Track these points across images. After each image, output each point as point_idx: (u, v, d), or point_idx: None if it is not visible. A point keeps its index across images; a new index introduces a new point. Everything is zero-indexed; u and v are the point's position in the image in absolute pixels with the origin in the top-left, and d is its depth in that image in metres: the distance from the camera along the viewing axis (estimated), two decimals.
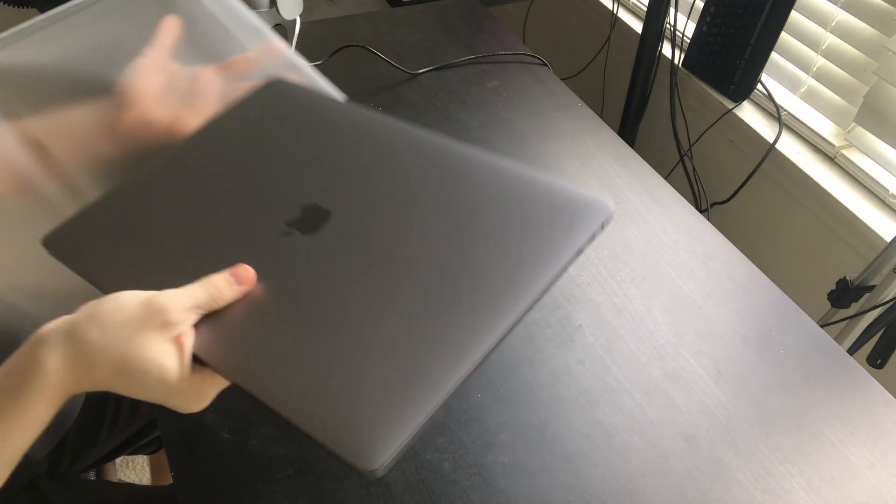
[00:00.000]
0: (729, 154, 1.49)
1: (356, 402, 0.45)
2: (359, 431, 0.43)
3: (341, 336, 0.48)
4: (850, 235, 1.25)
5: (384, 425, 0.43)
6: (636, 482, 0.63)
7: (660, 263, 0.83)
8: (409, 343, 0.47)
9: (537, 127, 1.02)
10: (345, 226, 0.54)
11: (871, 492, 0.64)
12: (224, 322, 0.49)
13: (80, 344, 0.45)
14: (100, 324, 0.45)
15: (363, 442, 0.43)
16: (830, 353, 0.76)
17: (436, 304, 0.48)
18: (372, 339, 0.47)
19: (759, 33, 1.37)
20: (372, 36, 1.16)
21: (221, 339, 0.48)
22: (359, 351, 0.47)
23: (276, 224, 0.55)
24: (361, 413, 0.44)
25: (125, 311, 0.46)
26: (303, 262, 0.52)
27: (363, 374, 0.46)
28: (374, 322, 0.48)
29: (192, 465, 0.62)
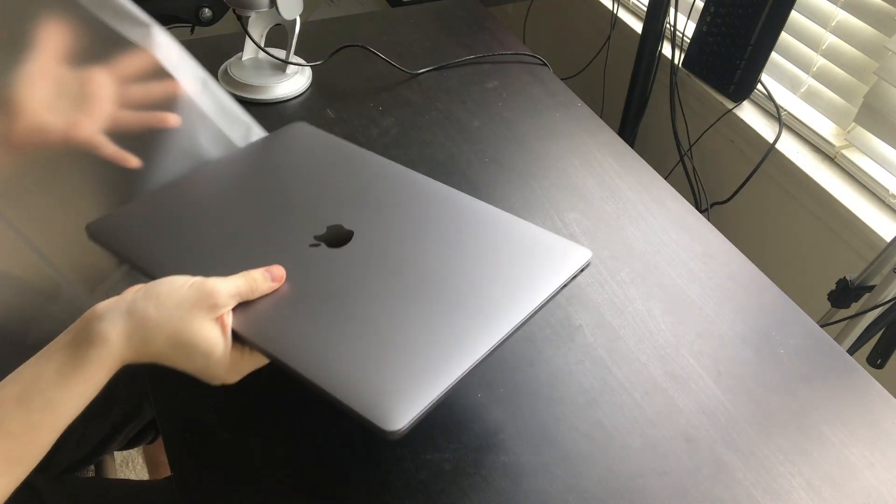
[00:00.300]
0: (729, 154, 1.49)
1: (381, 375, 0.54)
2: (384, 398, 0.52)
3: (364, 325, 0.57)
4: (850, 235, 1.25)
5: (405, 396, 0.52)
6: (636, 482, 0.63)
7: (660, 263, 0.83)
8: (422, 336, 0.56)
9: (537, 127, 1.02)
10: (365, 245, 0.64)
11: (871, 492, 0.64)
12: (259, 309, 0.58)
13: (140, 320, 0.52)
14: (157, 303, 0.53)
15: (387, 408, 0.51)
16: (830, 353, 0.76)
17: (443, 311, 0.58)
18: (391, 329, 0.57)
19: (759, 33, 1.37)
20: (372, 36, 1.16)
21: (257, 321, 0.57)
22: (380, 337, 0.56)
23: (305, 237, 0.65)
24: (385, 384, 0.53)
25: (179, 293, 0.53)
26: (328, 269, 0.62)
27: (385, 354, 0.55)
28: (392, 317, 0.58)
29: (192, 465, 0.62)
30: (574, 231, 0.86)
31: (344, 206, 0.68)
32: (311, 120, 0.98)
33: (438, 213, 0.68)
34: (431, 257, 0.63)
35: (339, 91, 1.04)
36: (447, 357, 0.55)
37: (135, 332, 0.52)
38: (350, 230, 0.66)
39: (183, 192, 0.71)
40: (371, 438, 0.65)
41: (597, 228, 0.87)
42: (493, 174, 0.93)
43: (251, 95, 1.00)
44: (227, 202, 0.70)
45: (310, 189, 0.71)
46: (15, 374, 0.51)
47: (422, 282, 0.61)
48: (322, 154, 0.76)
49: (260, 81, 1.01)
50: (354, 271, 0.62)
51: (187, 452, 0.63)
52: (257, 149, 0.77)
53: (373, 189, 0.71)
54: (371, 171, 0.74)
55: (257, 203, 0.69)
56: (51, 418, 0.50)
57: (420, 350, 0.56)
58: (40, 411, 0.50)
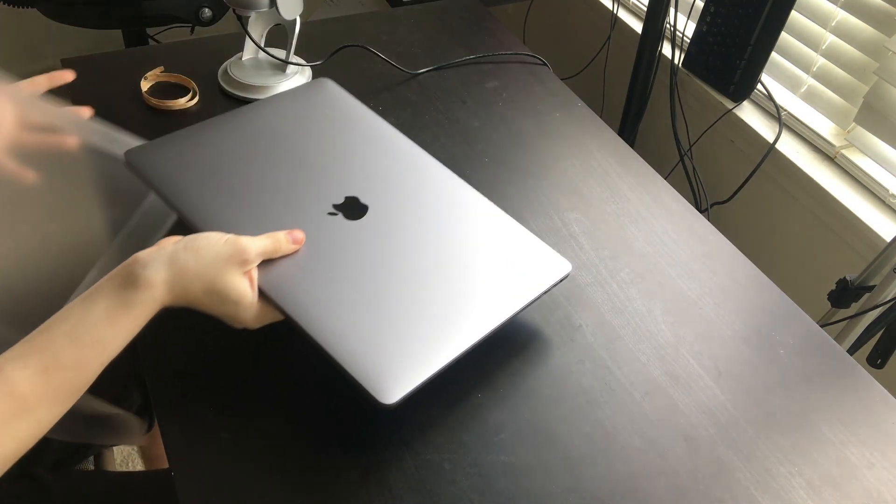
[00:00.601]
0: (729, 154, 1.49)
1: (382, 350, 0.60)
2: (383, 373, 0.59)
3: (371, 300, 0.63)
4: (850, 235, 1.25)
5: (401, 374, 0.59)
6: (636, 482, 0.63)
7: (660, 263, 0.83)
8: (420, 319, 0.63)
9: (537, 127, 1.02)
10: (378, 222, 0.70)
11: (871, 492, 0.64)
12: (280, 268, 0.65)
13: (180, 269, 0.59)
14: (196, 255, 0.60)
15: (385, 382, 0.58)
16: (830, 353, 0.76)
17: (440, 299, 0.65)
18: (394, 308, 0.63)
19: (759, 33, 1.37)
20: (372, 36, 1.16)
21: (278, 280, 0.64)
22: (383, 314, 0.63)
23: (324, 204, 0.71)
24: (385, 360, 0.59)
25: (216, 248, 0.61)
26: (343, 239, 0.68)
27: (387, 331, 0.61)
28: (396, 297, 0.64)
29: (192, 465, 0.62)
30: (574, 231, 0.86)
31: (362, 177, 0.74)
32: None
33: (447, 203, 0.74)
34: (434, 246, 0.69)
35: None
36: (440, 342, 0.62)
37: (176, 280, 0.59)
38: (365, 204, 0.71)
39: (215, 133, 0.77)
40: (371, 439, 0.65)
41: (597, 228, 0.87)
42: (493, 174, 0.93)
43: (251, 95, 1.00)
44: (254, 152, 0.75)
45: (332, 153, 0.76)
46: (62, 313, 0.57)
47: (423, 268, 0.67)
48: (345, 117, 0.82)
49: (260, 81, 1.01)
50: (366, 246, 0.68)
51: (187, 451, 0.63)
52: (285, 103, 0.82)
53: (388, 165, 0.76)
54: (387, 145, 0.79)
55: (282, 158, 0.75)
56: (99, 353, 0.56)
57: (417, 332, 0.62)
58: (90, 347, 0.56)
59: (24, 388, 0.53)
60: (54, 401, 0.55)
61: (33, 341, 0.55)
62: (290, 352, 0.71)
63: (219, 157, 0.74)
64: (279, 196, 0.71)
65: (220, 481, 0.61)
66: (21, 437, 0.54)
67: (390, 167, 0.76)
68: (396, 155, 0.78)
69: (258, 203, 0.70)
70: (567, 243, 0.85)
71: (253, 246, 0.62)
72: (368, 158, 0.77)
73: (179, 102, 0.98)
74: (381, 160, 0.77)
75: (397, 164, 0.77)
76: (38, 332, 0.56)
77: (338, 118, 0.81)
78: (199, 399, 0.66)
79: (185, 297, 0.60)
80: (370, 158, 0.77)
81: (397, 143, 0.80)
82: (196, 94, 1.00)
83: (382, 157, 0.77)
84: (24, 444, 0.55)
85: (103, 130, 0.76)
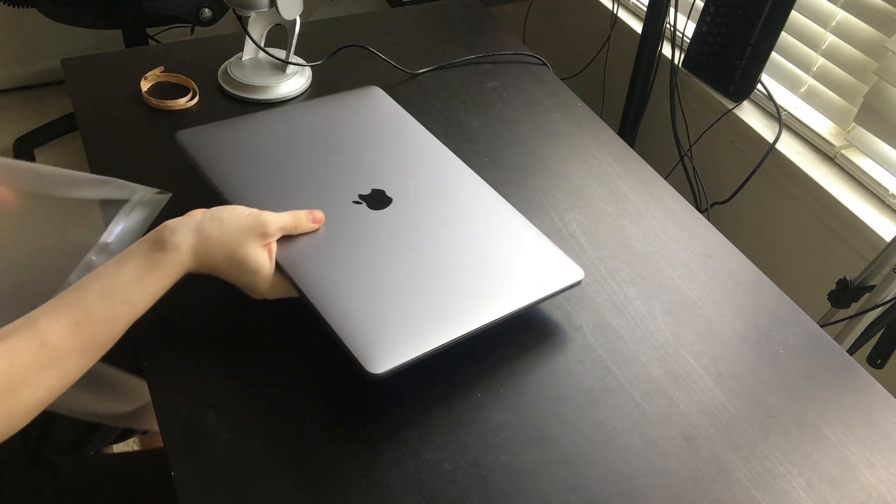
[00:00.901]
0: (729, 154, 1.49)
1: (378, 325, 0.63)
2: (374, 345, 0.62)
3: (378, 281, 0.67)
4: (850, 235, 1.25)
5: (391, 349, 0.62)
6: (636, 482, 0.63)
7: (660, 263, 0.83)
8: (420, 304, 0.66)
9: (537, 127, 1.02)
10: (400, 213, 0.74)
11: (871, 492, 0.64)
12: (298, 245, 0.69)
13: (205, 236, 0.64)
14: (220, 225, 0.64)
15: (374, 354, 0.61)
16: (830, 353, 0.76)
17: (443, 288, 0.68)
18: (398, 291, 0.66)
19: (759, 33, 1.37)
20: (372, 36, 1.16)
21: (294, 255, 0.68)
22: (387, 294, 0.66)
23: (350, 193, 0.75)
24: (380, 334, 0.63)
25: (239, 220, 0.65)
26: (362, 226, 0.72)
27: (387, 310, 0.65)
28: (402, 281, 0.67)
29: (192, 465, 0.62)
30: (574, 231, 0.86)
31: (392, 174, 0.78)
32: None
33: (469, 205, 0.77)
34: (449, 241, 0.72)
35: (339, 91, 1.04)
36: (435, 327, 0.64)
37: (200, 247, 0.63)
38: (390, 197, 0.75)
39: (261, 124, 0.83)
40: (371, 439, 0.65)
41: (597, 228, 0.87)
42: (493, 174, 0.93)
43: (251, 95, 1.00)
44: (295, 144, 0.80)
45: (367, 151, 0.81)
46: (95, 273, 0.61)
47: (435, 259, 0.70)
48: (387, 122, 0.86)
49: (260, 81, 1.01)
50: (384, 234, 0.71)
51: (187, 452, 0.63)
52: (333, 103, 0.88)
53: (421, 167, 0.80)
54: (424, 149, 0.83)
55: (319, 152, 0.79)
56: (127, 311, 0.60)
57: (415, 315, 0.65)
58: (119, 304, 0.60)
59: (56, 340, 0.57)
60: (82, 353, 0.58)
61: (67, 297, 0.59)
62: (291, 352, 0.71)
63: (261, 144, 0.79)
64: (311, 182, 0.76)
65: (220, 481, 0.61)
66: (49, 387, 0.57)
67: (422, 168, 0.80)
68: (430, 158, 0.82)
69: (290, 187, 0.75)
70: (567, 243, 0.85)
71: (274, 220, 0.66)
72: (402, 158, 0.81)
73: (179, 102, 0.98)
74: (414, 161, 0.81)
75: (429, 166, 0.81)
76: (72, 289, 0.60)
77: (380, 121, 0.86)
78: (199, 399, 0.66)
79: (208, 263, 0.64)
80: (404, 158, 0.81)
81: (434, 149, 0.84)
82: (196, 94, 1.00)
83: (416, 159, 0.81)
84: (52, 394, 0.58)
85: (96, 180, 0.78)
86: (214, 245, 0.64)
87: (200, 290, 0.74)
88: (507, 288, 0.69)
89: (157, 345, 0.70)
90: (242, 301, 0.68)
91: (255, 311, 0.72)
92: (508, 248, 0.73)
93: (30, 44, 2.21)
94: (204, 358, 0.69)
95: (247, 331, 0.72)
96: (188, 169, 0.78)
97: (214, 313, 0.73)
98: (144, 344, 0.70)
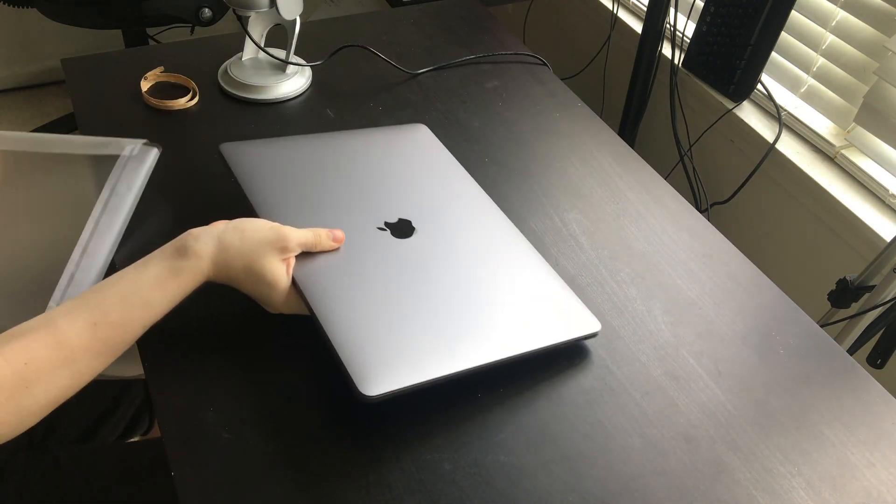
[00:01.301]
0: (729, 154, 1.49)
1: (379, 350, 0.63)
2: (371, 369, 0.62)
3: (389, 307, 0.67)
4: (850, 235, 1.25)
5: (389, 374, 0.62)
6: (636, 482, 0.63)
7: (660, 263, 0.83)
8: (427, 335, 0.66)
9: (537, 127, 1.02)
10: (421, 244, 0.74)
11: (871, 492, 0.64)
12: (317, 265, 0.69)
13: (226, 246, 0.65)
14: (242, 236, 0.65)
15: (370, 377, 0.61)
16: (830, 353, 0.76)
17: (452, 323, 0.68)
18: (407, 320, 0.66)
19: (759, 33, 1.37)
20: (372, 36, 1.16)
21: (311, 275, 0.68)
22: (395, 322, 0.66)
23: (377, 219, 0.75)
24: (379, 359, 0.63)
25: (261, 232, 0.66)
26: (383, 252, 0.72)
27: (393, 337, 0.65)
28: (413, 311, 0.67)
29: (192, 465, 0.62)
30: (574, 231, 0.86)
31: (421, 206, 0.78)
32: (311, 120, 0.99)
33: (493, 245, 0.78)
34: (465, 277, 0.73)
35: (339, 91, 1.04)
36: (435, 359, 0.64)
37: (220, 256, 0.64)
38: (415, 227, 0.75)
39: (304, 146, 0.85)
40: (371, 439, 0.65)
41: (597, 228, 0.87)
42: (493, 174, 0.93)
43: (251, 95, 1.00)
44: (331, 168, 0.81)
45: (401, 182, 0.82)
46: (115, 276, 0.62)
47: (448, 293, 0.70)
48: (427, 158, 0.87)
49: (260, 81, 1.01)
50: (402, 262, 0.72)
51: (187, 452, 0.63)
52: (377, 135, 0.90)
53: (451, 203, 0.81)
54: (458, 187, 0.84)
55: (354, 178, 0.80)
56: (144, 315, 0.62)
57: (418, 345, 0.65)
58: (138, 307, 0.61)
59: (72, 340, 0.57)
60: (97, 355, 0.59)
61: (86, 298, 0.60)
62: (292, 351, 0.71)
63: (298, 165, 0.81)
64: (340, 205, 0.76)
65: (220, 481, 0.61)
66: (62, 386, 0.58)
67: (451, 204, 0.81)
68: (462, 196, 0.83)
69: (319, 207, 0.76)
70: (567, 243, 0.85)
71: (295, 236, 0.67)
72: (434, 193, 0.81)
73: (179, 102, 0.98)
74: (445, 197, 0.82)
75: (459, 204, 0.81)
76: (91, 291, 0.61)
77: (419, 156, 0.87)
78: (199, 399, 0.66)
79: (227, 272, 0.65)
80: (435, 193, 0.82)
81: (468, 188, 0.84)
82: (196, 94, 1.00)
83: (447, 195, 0.82)
84: (64, 394, 0.58)
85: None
86: (234, 255, 0.64)
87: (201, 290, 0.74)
88: (516, 331, 0.69)
89: (157, 345, 0.70)
90: (243, 302, 0.68)
91: (257, 312, 0.72)
92: (525, 292, 0.73)
93: (30, 44, 2.21)
94: (204, 358, 0.69)
95: (247, 331, 0.72)
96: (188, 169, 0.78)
97: (215, 313, 0.73)
98: (145, 344, 0.70)
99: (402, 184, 0.81)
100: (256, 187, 0.76)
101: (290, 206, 0.75)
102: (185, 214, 0.83)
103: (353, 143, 0.87)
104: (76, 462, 0.86)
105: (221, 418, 0.65)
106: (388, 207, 0.77)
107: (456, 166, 0.87)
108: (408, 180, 0.82)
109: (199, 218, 0.82)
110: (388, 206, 0.77)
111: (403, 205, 0.78)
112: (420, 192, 0.81)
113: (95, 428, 0.97)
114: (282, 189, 0.77)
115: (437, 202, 0.80)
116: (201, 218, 0.82)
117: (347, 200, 0.77)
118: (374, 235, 0.73)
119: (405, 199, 0.79)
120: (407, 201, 0.79)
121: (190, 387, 0.67)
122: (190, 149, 0.92)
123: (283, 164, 0.80)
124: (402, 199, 0.79)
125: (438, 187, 0.83)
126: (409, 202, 0.78)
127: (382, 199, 0.78)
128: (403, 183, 0.81)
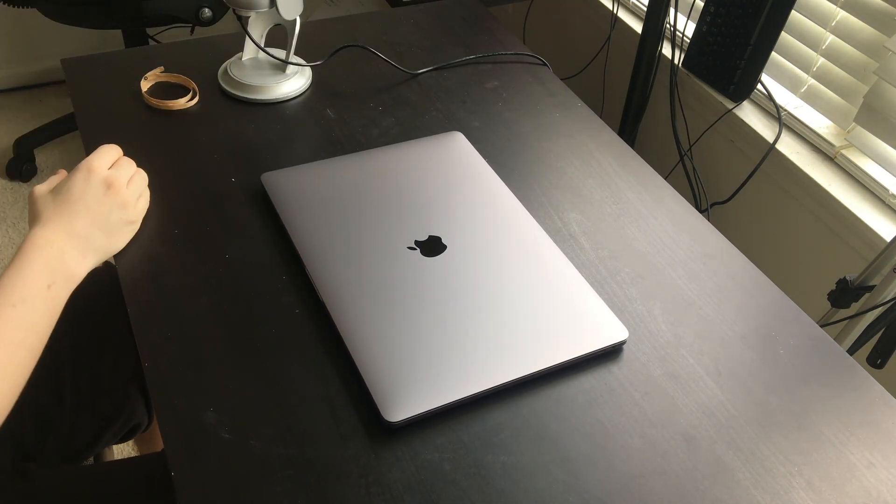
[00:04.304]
0: (729, 154, 1.49)
1: (404, 375, 0.65)
2: (395, 392, 0.64)
3: (416, 329, 0.69)
4: (850, 235, 1.25)
5: (412, 398, 0.64)
6: (636, 482, 0.63)
7: (660, 263, 0.83)
8: (452, 356, 0.67)
9: (537, 127, 1.02)
10: (451, 263, 0.76)
11: (871, 492, 0.64)
12: (339, 281, 0.72)
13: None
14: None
15: (394, 400, 0.64)
16: (830, 353, 0.76)
17: (479, 342, 0.69)
18: (434, 341, 0.68)
19: (759, 33, 1.37)
20: (372, 36, 1.16)
21: (336, 294, 0.71)
22: (422, 343, 0.68)
23: (407, 238, 0.77)
24: (404, 381, 0.65)
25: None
26: (412, 272, 0.74)
27: (418, 359, 0.67)
28: (440, 331, 0.69)
29: (192, 465, 0.62)
30: (574, 231, 0.86)
31: (452, 222, 0.80)
32: (311, 120, 0.99)
33: (525, 263, 0.77)
34: (495, 296, 0.73)
35: (339, 91, 1.04)
36: (461, 379, 0.66)
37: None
38: (445, 245, 0.77)
39: (343, 169, 0.86)
40: (371, 439, 0.65)
41: (597, 228, 0.87)
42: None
43: (251, 95, 1.00)
44: (367, 189, 0.83)
45: (435, 197, 0.83)
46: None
47: (475, 312, 0.71)
48: (462, 169, 0.88)
49: (260, 81, 1.01)
50: (430, 282, 0.73)
51: (187, 452, 0.63)
52: (412, 148, 0.91)
53: (483, 217, 0.82)
54: (491, 199, 0.84)
55: (388, 197, 0.82)
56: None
57: (446, 364, 0.66)
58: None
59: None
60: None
61: None
62: (292, 351, 0.71)
63: (335, 188, 0.83)
64: (373, 227, 0.79)
65: (220, 481, 0.61)
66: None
67: (484, 218, 0.81)
68: (496, 209, 0.83)
69: (351, 231, 0.78)
70: (567, 243, 0.85)
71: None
72: (467, 207, 0.82)
73: (179, 102, 0.98)
74: (478, 210, 0.82)
75: (492, 217, 0.82)
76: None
77: (455, 168, 0.88)
78: (199, 399, 0.66)
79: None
80: (468, 207, 0.82)
81: (502, 199, 0.85)
82: (196, 94, 1.00)
83: (481, 208, 0.82)
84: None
85: None
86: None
87: (201, 290, 0.74)
88: (543, 346, 0.70)
89: (157, 345, 0.70)
90: (243, 301, 0.68)
91: (258, 312, 0.72)
92: (553, 305, 0.74)
93: (30, 44, 2.21)
94: (204, 358, 0.69)
95: (247, 331, 0.72)
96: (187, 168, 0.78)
97: (215, 313, 0.73)
98: (144, 344, 0.70)
99: (434, 198, 0.83)
100: (292, 216, 0.80)
101: (323, 231, 0.78)
102: (185, 214, 0.83)
103: (388, 160, 0.88)
104: (52, 485, 0.84)
105: (221, 418, 0.65)
106: (420, 224, 0.79)
107: (490, 174, 0.88)
108: (441, 194, 0.84)
109: (200, 217, 0.82)
110: (421, 223, 0.79)
111: (435, 220, 0.80)
112: (452, 206, 0.82)
113: (99, 435, 0.96)
114: (316, 215, 0.80)
115: (469, 216, 0.81)
116: (201, 217, 0.82)
117: (381, 220, 0.79)
118: (404, 255, 0.76)
119: (437, 213, 0.81)
120: (439, 216, 0.80)
121: (190, 387, 0.67)
122: (190, 149, 0.92)
123: (318, 188, 0.83)
124: (434, 214, 0.81)
125: (471, 200, 0.84)
126: (441, 217, 0.80)
127: (415, 215, 0.80)
128: (436, 197, 0.83)
